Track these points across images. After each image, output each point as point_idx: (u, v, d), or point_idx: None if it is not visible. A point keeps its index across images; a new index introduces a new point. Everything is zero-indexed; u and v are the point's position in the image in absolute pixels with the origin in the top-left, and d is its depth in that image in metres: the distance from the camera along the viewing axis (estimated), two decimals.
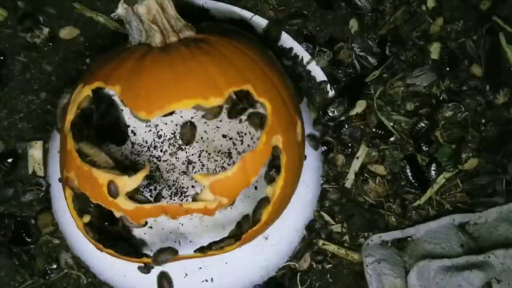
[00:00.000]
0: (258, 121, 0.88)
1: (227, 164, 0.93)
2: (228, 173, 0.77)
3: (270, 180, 0.83)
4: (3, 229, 1.00)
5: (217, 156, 0.93)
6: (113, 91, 0.81)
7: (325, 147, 1.02)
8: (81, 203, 0.83)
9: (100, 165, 0.81)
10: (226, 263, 0.94)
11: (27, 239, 1.00)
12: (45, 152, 1.02)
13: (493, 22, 1.06)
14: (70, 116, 0.81)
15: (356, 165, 1.02)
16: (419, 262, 0.95)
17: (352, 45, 1.05)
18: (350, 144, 1.03)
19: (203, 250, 0.82)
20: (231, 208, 0.90)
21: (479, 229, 0.98)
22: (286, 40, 1.04)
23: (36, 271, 0.99)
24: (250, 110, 0.89)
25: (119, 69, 0.80)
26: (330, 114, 1.01)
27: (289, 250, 0.99)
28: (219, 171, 0.92)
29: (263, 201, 0.83)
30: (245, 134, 0.93)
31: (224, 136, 0.93)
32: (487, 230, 0.98)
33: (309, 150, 0.97)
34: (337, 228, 1.01)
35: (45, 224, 1.00)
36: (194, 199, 0.78)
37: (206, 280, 0.94)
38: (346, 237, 1.01)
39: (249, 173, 0.78)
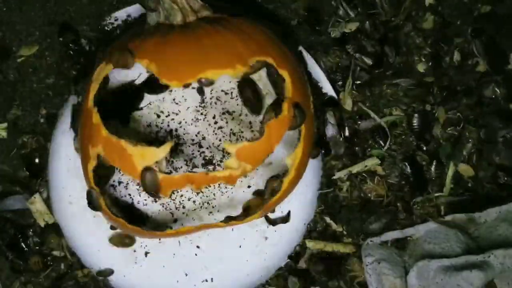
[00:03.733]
0: (251, 95, 0.90)
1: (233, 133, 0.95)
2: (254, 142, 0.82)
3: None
4: (2, 232, 0.99)
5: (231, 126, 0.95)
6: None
7: (323, 150, 1.02)
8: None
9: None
10: (226, 263, 0.94)
11: (24, 247, 0.99)
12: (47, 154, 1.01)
13: (492, 22, 1.06)
14: (93, 93, 0.83)
15: (354, 169, 1.02)
16: (419, 262, 0.95)
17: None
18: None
19: (227, 220, 0.85)
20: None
21: (479, 229, 0.98)
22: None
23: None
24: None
25: (144, 45, 0.84)
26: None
27: (289, 250, 0.99)
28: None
29: (272, 179, 0.86)
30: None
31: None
32: (486, 230, 0.98)
33: None
34: (337, 228, 1.01)
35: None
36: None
37: (206, 280, 0.94)
38: (346, 238, 1.01)
39: (273, 141, 0.82)
